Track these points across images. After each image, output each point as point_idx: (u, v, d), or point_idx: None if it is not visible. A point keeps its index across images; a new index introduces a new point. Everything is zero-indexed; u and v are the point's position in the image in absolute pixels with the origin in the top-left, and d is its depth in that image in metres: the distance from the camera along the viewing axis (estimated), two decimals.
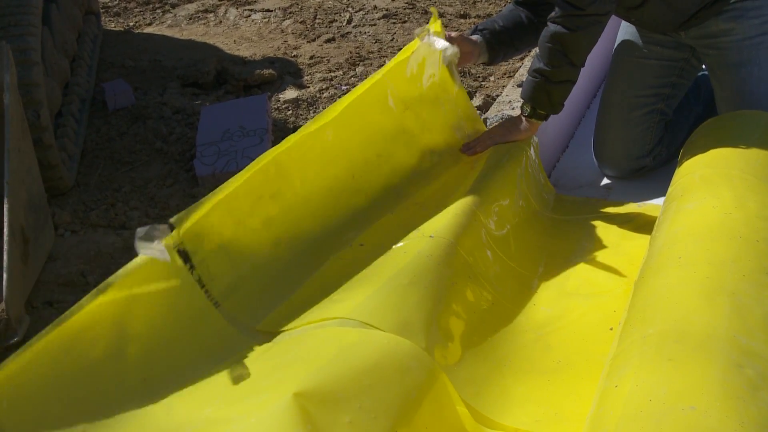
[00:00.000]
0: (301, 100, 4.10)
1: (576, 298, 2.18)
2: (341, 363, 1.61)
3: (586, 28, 2.42)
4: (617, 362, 1.63)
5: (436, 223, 2.19)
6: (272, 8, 5.49)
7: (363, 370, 1.59)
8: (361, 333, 1.71)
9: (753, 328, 1.58)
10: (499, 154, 2.59)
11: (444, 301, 1.95)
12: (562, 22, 2.41)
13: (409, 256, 2.02)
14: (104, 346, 1.61)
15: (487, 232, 2.28)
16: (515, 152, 2.61)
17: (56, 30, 3.92)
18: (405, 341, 1.71)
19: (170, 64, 4.66)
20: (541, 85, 2.50)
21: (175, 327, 1.74)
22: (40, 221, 2.87)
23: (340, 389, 1.54)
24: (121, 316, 1.64)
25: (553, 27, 2.43)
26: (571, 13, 2.40)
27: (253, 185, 2.01)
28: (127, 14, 5.65)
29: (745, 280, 1.72)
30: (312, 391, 1.50)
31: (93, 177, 3.51)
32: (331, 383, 1.54)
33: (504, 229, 2.38)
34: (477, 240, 2.22)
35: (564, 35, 2.42)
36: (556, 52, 2.44)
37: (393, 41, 4.76)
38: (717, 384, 1.44)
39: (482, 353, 1.95)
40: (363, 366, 1.61)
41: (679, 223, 2.03)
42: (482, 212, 2.30)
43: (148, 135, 3.78)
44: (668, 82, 2.87)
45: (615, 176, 2.96)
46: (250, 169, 2.00)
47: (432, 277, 1.96)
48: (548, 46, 2.45)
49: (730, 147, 2.31)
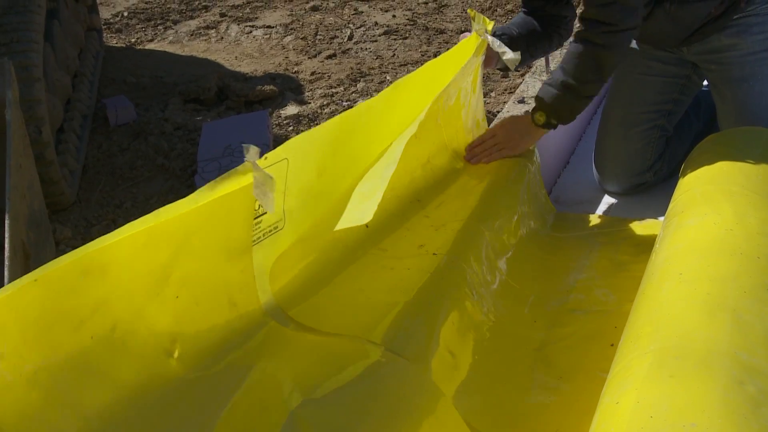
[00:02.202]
0: (302, 116, 4.11)
1: (576, 315, 2.18)
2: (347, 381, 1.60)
3: (620, 44, 2.42)
4: (618, 378, 1.62)
5: (438, 240, 2.19)
6: (273, 25, 5.50)
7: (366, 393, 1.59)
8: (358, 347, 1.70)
9: (754, 345, 1.58)
10: (504, 171, 2.58)
11: (446, 319, 1.95)
12: (595, 39, 2.39)
13: (413, 274, 2.02)
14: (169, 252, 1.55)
15: (490, 250, 2.27)
16: (519, 171, 2.60)
17: (58, 46, 3.93)
18: (408, 363, 1.70)
19: (171, 80, 4.67)
20: (568, 99, 2.48)
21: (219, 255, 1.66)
22: (41, 237, 2.87)
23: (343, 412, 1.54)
24: (194, 226, 1.58)
25: (584, 43, 2.42)
26: (604, 30, 2.38)
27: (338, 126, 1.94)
28: (129, 31, 5.67)
29: (746, 296, 1.72)
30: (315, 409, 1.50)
31: (94, 193, 3.51)
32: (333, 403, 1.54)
33: (506, 247, 2.38)
34: (480, 258, 2.22)
35: (598, 52, 2.41)
36: (588, 68, 2.43)
37: (394, 57, 4.77)
38: (718, 401, 1.43)
39: (483, 371, 1.94)
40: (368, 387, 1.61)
41: (680, 239, 2.03)
42: (487, 230, 2.30)
43: (149, 151, 3.79)
44: (669, 98, 2.87)
45: (616, 192, 2.96)
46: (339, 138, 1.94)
47: (435, 295, 1.97)
48: (579, 62, 2.43)
49: (731, 163, 2.31)
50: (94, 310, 1.40)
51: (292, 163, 1.77)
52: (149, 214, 1.48)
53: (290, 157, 1.75)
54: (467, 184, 2.57)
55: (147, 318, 1.50)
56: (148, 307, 1.50)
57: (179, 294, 1.57)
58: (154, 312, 1.52)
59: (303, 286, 1.89)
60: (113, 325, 1.43)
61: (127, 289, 1.46)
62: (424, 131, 2.43)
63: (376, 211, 2.15)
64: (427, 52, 4.75)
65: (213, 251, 1.65)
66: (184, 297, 1.58)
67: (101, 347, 1.41)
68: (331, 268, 1.99)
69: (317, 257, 1.98)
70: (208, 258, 1.64)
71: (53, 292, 1.33)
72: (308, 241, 1.95)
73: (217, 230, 1.63)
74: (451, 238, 2.18)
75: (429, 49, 4.82)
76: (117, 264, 1.43)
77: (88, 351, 1.38)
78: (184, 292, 1.58)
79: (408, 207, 2.34)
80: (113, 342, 1.43)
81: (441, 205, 2.41)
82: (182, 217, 1.52)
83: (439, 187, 2.49)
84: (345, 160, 2.02)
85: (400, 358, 1.71)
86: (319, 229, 1.97)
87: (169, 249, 1.54)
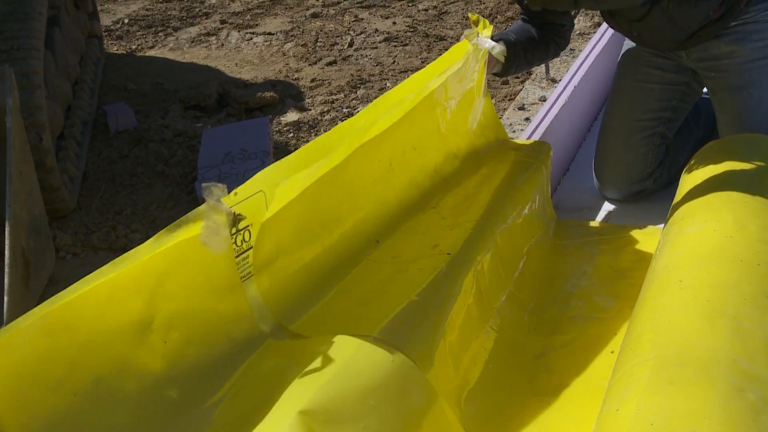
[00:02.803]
0: (302, 123, 4.11)
1: (577, 322, 2.18)
2: (348, 379, 1.59)
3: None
4: (618, 386, 1.62)
5: (453, 240, 2.17)
6: (274, 31, 5.51)
7: (368, 389, 1.58)
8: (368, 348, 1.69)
9: (754, 352, 1.58)
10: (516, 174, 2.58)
11: (452, 322, 1.94)
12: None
13: (426, 274, 2.01)
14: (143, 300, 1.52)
15: (496, 254, 2.27)
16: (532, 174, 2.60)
17: (59, 53, 3.94)
18: (409, 362, 1.70)
19: (172, 87, 4.67)
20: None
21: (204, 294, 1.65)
22: (42, 244, 2.87)
23: (346, 408, 1.52)
24: (165, 270, 1.56)
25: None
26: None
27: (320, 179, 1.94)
28: (130, 37, 5.68)
29: (746, 303, 1.72)
30: (317, 410, 1.49)
31: (94, 200, 3.51)
32: (337, 401, 1.53)
33: (510, 252, 2.37)
34: (487, 262, 2.21)
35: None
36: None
37: (394, 64, 4.78)
38: (718, 408, 1.43)
39: (483, 376, 1.94)
40: (369, 385, 1.59)
41: (679, 246, 2.03)
42: (496, 233, 2.29)
43: (149, 158, 3.79)
44: (669, 105, 2.87)
45: (616, 199, 2.96)
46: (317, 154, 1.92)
47: (445, 296, 1.95)
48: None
49: (731, 170, 2.31)
50: (69, 368, 1.37)
51: (270, 193, 1.76)
52: (111, 263, 1.46)
53: (266, 189, 1.73)
54: (480, 190, 2.56)
55: (134, 367, 1.47)
56: (132, 356, 1.48)
57: (167, 338, 1.55)
58: (142, 360, 1.50)
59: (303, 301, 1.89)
60: (96, 379, 1.40)
61: (103, 342, 1.43)
62: (426, 142, 2.44)
63: (387, 225, 2.17)
64: (427, 59, 4.76)
65: (195, 292, 1.63)
66: (174, 340, 1.56)
67: (88, 403, 1.38)
68: (333, 280, 1.98)
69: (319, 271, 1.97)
70: (192, 299, 1.62)
71: (16, 356, 1.30)
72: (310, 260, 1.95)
73: (193, 271, 1.61)
74: (465, 238, 2.17)
75: (429, 56, 4.83)
76: (83, 320, 1.40)
77: (74, 408, 1.36)
78: (172, 335, 1.56)
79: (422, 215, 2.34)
80: (99, 396, 1.40)
81: (456, 206, 2.40)
82: (145, 263, 1.50)
83: (453, 191, 2.48)
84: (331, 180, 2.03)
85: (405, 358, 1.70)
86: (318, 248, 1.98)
87: (140, 296, 1.51)
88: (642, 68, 2.86)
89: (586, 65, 3.40)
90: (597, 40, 3.62)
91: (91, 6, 5.09)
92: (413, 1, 5.88)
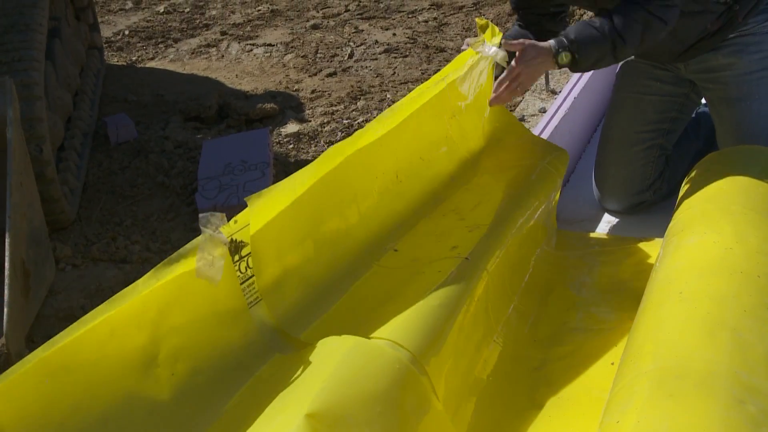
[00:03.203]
0: (302, 134, 4.11)
1: (577, 333, 2.18)
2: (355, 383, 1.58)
3: (670, 20, 2.45)
4: (618, 398, 1.62)
5: (472, 242, 2.16)
6: (274, 43, 5.52)
7: (375, 395, 1.57)
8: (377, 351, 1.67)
9: (755, 364, 1.58)
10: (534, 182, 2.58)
11: (462, 330, 1.93)
12: (654, 10, 2.42)
13: (443, 276, 2.00)
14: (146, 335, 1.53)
15: (509, 262, 2.26)
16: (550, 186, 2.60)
17: (59, 65, 3.95)
18: (414, 370, 1.69)
19: (172, 98, 4.68)
20: (602, 49, 2.45)
21: (210, 324, 1.66)
22: (42, 255, 2.87)
23: (352, 413, 1.52)
24: (167, 303, 1.56)
25: (641, 10, 2.43)
26: (662, 4, 2.42)
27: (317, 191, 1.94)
28: (130, 49, 5.69)
29: (746, 315, 1.71)
30: (324, 413, 1.48)
31: (94, 211, 3.51)
32: (344, 405, 1.52)
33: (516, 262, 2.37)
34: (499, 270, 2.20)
35: (652, 22, 2.43)
36: (636, 31, 2.43)
37: (394, 75, 4.78)
38: (719, 420, 1.43)
39: (483, 387, 1.94)
40: (375, 390, 1.58)
41: (679, 258, 2.03)
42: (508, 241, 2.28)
43: (149, 169, 3.80)
44: (668, 117, 2.88)
45: (616, 211, 2.96)
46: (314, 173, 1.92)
47: (459, 301, 1.94)
48: (632, 22, 2.43)
49: (731, 182, 2.31)
50: (72, 410, 1.37)
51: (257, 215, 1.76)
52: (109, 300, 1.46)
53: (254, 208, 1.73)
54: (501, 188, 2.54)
55: (142, 403, 1.48)
56: (140, 392, 1.48)
57: (174, 371, 1.56)
58: (150, 395, 1.50)
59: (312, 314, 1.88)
60: (102, 418, 1.41)
61: (107, 381, 1.44)
62: (434, 150, 2.44)
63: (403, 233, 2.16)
64: (427, 71, 4.76)
65: (200, 322, 1.63)
66: (181, 372, 1.57)
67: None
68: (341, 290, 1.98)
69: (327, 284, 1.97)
70: (197, 329, 1.62)
71: (18, 402, 1.31)
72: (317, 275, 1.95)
73: (196, 302, 1.62)
74: (483, 245, 2.16)
75: (429, 67, 4.84)
76: (84, 360, 1.41)
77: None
78: (179, 367, 1.56)
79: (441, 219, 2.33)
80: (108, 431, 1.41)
81: (476, 208, 2.40)
82: (145, 298, 1.50)
83: (472, 193, 2.48)
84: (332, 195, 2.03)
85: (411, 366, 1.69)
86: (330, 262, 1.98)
87: (142, 331, 1.52)
88: (641, 80, 2.86)
89: (585, 77, 3.40)
90: None
91: (91, 17, 5.10)
92: (413, 13, 5.90)
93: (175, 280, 1.55)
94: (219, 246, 1.61)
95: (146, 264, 3.03)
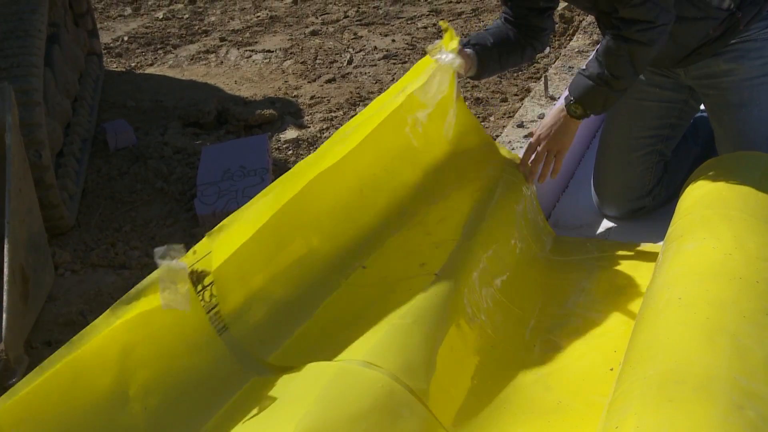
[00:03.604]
0: (301, 140, 4.11)
1: (576, 339, 2.18)
2: (337, 406, 1.59)
3: (656, 40, 2.46)
4: (618, 403, 1.62)
5: (440, 259, 2.18)
6: (273, 49, 5.53)
7: (358, 415, 1.58)
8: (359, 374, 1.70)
9: (754, 370, 1.58)
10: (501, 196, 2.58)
11: (445, 342, 1.94)
12: (632, 36, 2.44)
13: (414, 294, 2.01)
14: (112, 374, 1.54)
15: (488, 273, 2.27)
16: (516, 195, 2.61)
17: (58, 71, 3.95)
18: (399, 387, 1.69)
19: (171, 104, 4.68)
20: (602, 92, 2.52)
21: (179, 354, 1.67)
22: (41, 261, 2.87)
23: None
24: (130, 340, 1.57)
25: (621, 41, 2.46)
26: (640, 28, 2.43)
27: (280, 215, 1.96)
28: (129, 55, 5.69)
29: (745, 321, 1.72)
30: None
31: (93, 217, 3.51)
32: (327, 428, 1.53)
33: (504, 270, 2.37)
34: (479, 281, 2.21)
35: (637, 49, 2.45)
36: (625, 64, 2.47)
37: (393, 81, 4.78)
38: (718, 426, 1.43)
39: (481, 395, 1.94)
40: (358, 410, 1.59)
41: (678, 263, 2.03)
42: (485, 253, 2.30)
43: (148, 175, 3.80)
44: (667, 123, 2.88)
45: (614, 216, 2.96)
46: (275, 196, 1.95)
47: (435, 317, 1.95)
48: (616, 57, 2.47)
49: (730, 188, 2.31)
50: None
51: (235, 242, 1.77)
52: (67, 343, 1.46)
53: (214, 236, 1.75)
54: (465, 201, 2.56)
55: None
56: (113, 430, 1.49)
57: (146, 404, 1.56)
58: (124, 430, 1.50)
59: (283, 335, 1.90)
60: None
61: (77, 425, 1.44)
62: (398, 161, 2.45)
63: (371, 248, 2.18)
64: None
65: (169, 354, 1.64)
66: (154, 404, 1.57)
67: None
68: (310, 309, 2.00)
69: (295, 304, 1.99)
70: (167, 361, 1.63)
71: None
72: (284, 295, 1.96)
73: (162, 335, 1.62)
74: (453, 260, 2.18)
75: None
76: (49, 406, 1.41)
77: None
78: (151, 400, 1.57)
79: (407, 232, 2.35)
80: None
81: (441, 221, 2.41)
82: (106, 337, 1.51)
83: (438, 205, 2.49)
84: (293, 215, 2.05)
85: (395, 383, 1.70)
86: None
87: (108, 370, 1.52)
88: (640, 86, 2.86)
89: None
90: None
91: (90, 23, 5.11)
92: (412, 19, 5.90)
93: (138, 316, 1.56)
94: (181, 277, 1.62)
95: (145, 270, 3.02)
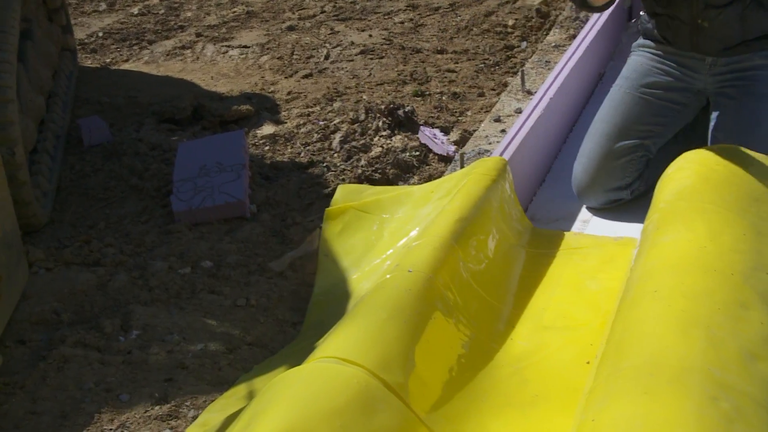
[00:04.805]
0: (278, 136, 4.09)
1: (552, 332, 2.18)
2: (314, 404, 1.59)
3: None
4: (594, 396, 1.62)
5: (414, 256, 2.18)
6: (250, 44, 5.50)
7: (334, 412, 1.58)
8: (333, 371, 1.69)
9: (728, 361, 1.58)
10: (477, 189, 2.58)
11: (422, 336, 1.94)
12: None
13: (388, 290, 2.02)
14: None
15: (464, 266, 2.27)
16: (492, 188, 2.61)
17: (31, 67, 3.91)
18: (375, 382, 1.69)
19: (146, 100, 4.65)
20: None
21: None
22: (14, 259, 2.84)
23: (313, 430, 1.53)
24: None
25: None
26: None
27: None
28: (104, 51, 5.65)
29: (719, 312, 1.72)
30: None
31: (67, 214, 3.48)
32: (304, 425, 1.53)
33: (481, 263, 2.37)
34: (455, 274, 2.22)
35: None
36: None
37: (370, 77, 4.78)
38: (692, 417, 1.43)
39: (459, 388, 1.94)
40: (334, 407, 1.59)
41: (654, 256, 2.04)
42: (460, 247, 2.29)
43: (123, 171, 3.76)
44: (662, 121, 2.92)
45: (591, 206, 2.97)
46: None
47: (410, 311, 1.96)
48: None
49: (705, 180, 2.32)
50: None
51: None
52: None
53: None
54: (440, 202, 2.58)
55: None
56: None
57: None
58: None
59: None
60: None
61: None
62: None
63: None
64: (403, 72, 4.76)
65: None
66: None
67: None
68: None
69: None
70: None
71: None
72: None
73: None
74: (427, 255, 2.18)
75: (405, 68, 4.83)
76: None
77: None
78: None
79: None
80: None
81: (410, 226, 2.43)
82: None
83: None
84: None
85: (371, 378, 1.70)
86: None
87: None
88: (647, 79, 2.90)
89: (561, 77, 3.41)
90: (572, 52, 3.64)
91: (64, 19, 5.06)
92: (389, 14, 5.89)
93: None
94: None
95: (120, 267, 3.00)
